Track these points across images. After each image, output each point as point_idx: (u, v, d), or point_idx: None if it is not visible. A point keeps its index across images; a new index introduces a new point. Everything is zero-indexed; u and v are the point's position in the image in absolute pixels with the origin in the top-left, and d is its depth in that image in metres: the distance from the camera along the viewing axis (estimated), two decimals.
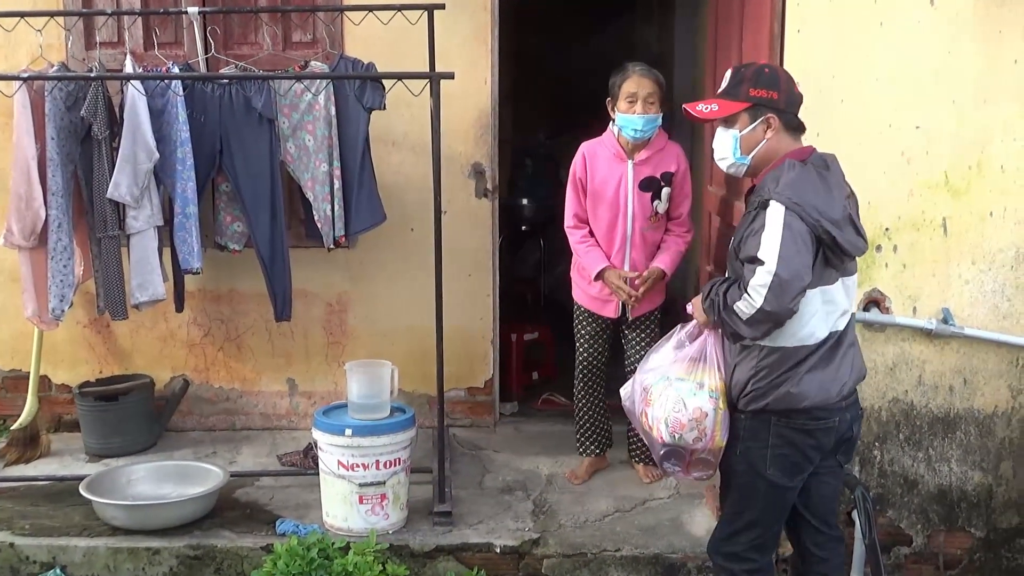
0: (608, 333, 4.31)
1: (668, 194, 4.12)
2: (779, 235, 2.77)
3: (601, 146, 4.17)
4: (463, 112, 4.71)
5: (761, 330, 2.85)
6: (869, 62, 3.67)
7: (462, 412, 5.00)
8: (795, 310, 2.81)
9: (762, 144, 2.95)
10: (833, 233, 2.80)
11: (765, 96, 2.93)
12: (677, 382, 3.03)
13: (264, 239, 4.35)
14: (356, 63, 4.31)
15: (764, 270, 2.77)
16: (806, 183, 2.84)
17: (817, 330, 2.90)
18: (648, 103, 3.99)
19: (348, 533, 3.80)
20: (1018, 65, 3.69)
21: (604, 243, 4.16)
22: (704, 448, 3.00)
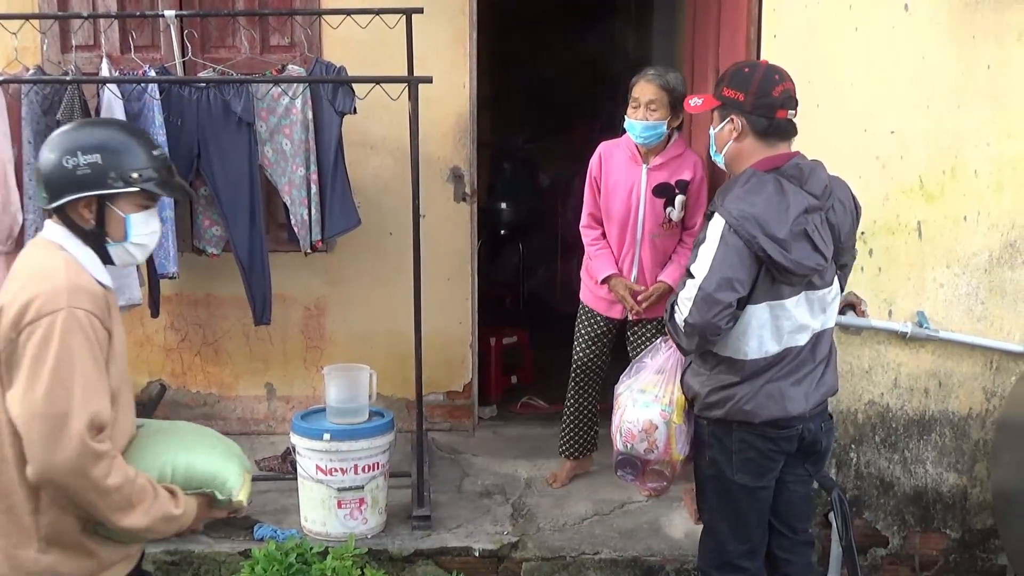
0: (611, 336, 4.24)
1: (683, 202, 4.01)
2: (713, 249, 2.77)
3: (618, 148, 4.10)
4: (442, 116, 4.71)
5: (692, 343, 2.86)
6: (844, 67, 3.70)
7: (441, 416, 5.00)
8: (720, 325, 2.78)
9: (729, 144, 2.92)
10: (769, 251, 2.73)
11: (732, 97, 2.89)
12: (638, 393, 3.05)
13: (243, 243, 4.33)
14: (330, 67, 4.31)
15: (692, 283, 2.79)
16: (757, 196, 2.78)
17: (765, 345, 2.86)
18: (650, 109, 3.89)
19: (326, 538, 3.79)
20: (991, 70, 3.73)
21: (614, 245, 4.11)
22: (657, 460, 3.01)
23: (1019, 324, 3.86)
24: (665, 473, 3.09)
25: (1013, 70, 3.74)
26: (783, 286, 2.83)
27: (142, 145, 2.34)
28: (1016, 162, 3.77)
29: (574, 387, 4.36)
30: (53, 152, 2.28)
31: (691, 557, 3.79)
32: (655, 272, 4.08)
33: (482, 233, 6.27)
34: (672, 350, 3.11)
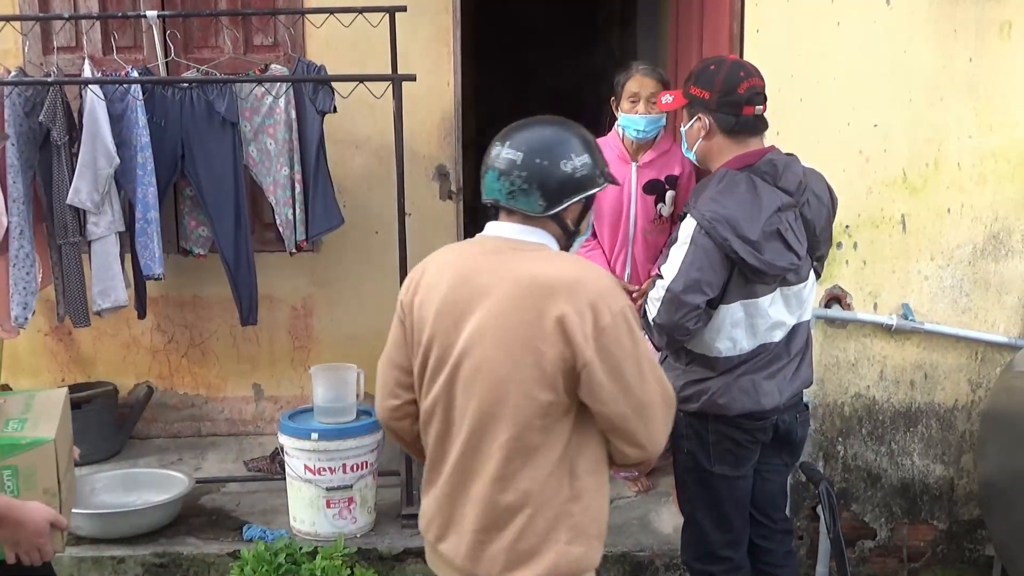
0: None
1: (672, 197, 4.00)
2: (684, 251, 2.78)
3: (606, 146, 4.00)
4: (426, 114, 4.70)
5: (662, 341, 2.87)
6: (827, 61, 3.72)
7: None
8: (688, 327, 2.79)
9: (699, 142, 2.92)
10: (741, 253, 2.73)
11: (698, 95, 2.89)
12: None
13: (228, 243, 4.32)
14: (311, 66, 4.30)
15: (661, 284, 2.80)
16: (729, 197, 2.78)
17: (740, 343, 2.87)
18: (651, 103, 3.83)
19: (315, 538, 3.79)
20: (972, 63, 3.75)
21: (606, 244, 4.09)
22: None
23: (1003, 316, 3.89)
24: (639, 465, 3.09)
25: (994, 63, 3.76)
26: (757, 285, 2.84)
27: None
28: (998, 154, 3.80)
29: None
30: (544, 158, 2.23)
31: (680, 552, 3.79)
32: (648, 268, 4.07)
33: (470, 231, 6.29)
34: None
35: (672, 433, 3.00)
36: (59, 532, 2.29)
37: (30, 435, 2.25)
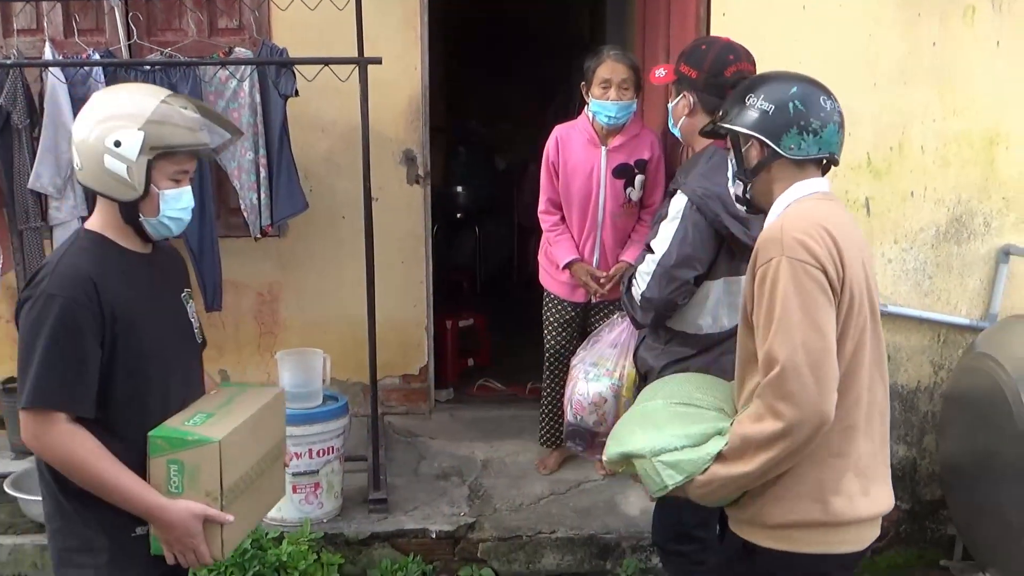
0: (578, 320, 4.22)
1: (642, 182, 4.02)
2: (674, 226, 2.79)
3: (575, 130, 4.07)
4: (393, 99, 4.68)
5: (648, 317, 2.87)
6: (793, 46, 3.72)
7: (397, 399, 4.98)
8: (677, 302, 2.81)
9: (683, 119, 2.94)
10: (732, 229, 2.76)
11: (686, 73, 2.90)
12: (590, 366, 3.08)
13: (192, 229, 4.26)
14: (275, 49, 4.26)
15: (652, 258, 2.81)
16: (719, 174, 2.74)
17: (721, 319, 2.89)
18: (622, 89, 3.88)
19: (282, 523, 3.77)
20: (937, 48, 3.78)
21: (575, 228, 4.09)
22: (606, 432, 3.02)
23: (965, 298, 3.92)
24: None
25: (958, 48, 3.78)
26: (742, 263, 2.84)
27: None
28: (961, 138, 3.83)
29: (549, 376, 4.33)
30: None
31: (646, 534, 3.81)
32: (616, 252, 4.08)
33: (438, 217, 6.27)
34: (627, 324, 3.13)
35: None
36: (218, 536, 2.18)
37: (200, 433, 2.15)
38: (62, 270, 2.12)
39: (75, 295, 2.08)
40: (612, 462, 2.33)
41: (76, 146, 2.16)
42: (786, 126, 2.19)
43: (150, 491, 2.14)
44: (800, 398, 2.02)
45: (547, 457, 4.40)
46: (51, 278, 2.10)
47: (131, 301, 2.17)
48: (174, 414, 2.22)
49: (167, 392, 2.23)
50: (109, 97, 2.21)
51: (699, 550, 3.09)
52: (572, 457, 4.40)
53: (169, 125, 2.14)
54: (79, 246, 2.19)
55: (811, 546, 2.17)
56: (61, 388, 2.07)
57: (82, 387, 2.08)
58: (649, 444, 2.23)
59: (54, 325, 2.06)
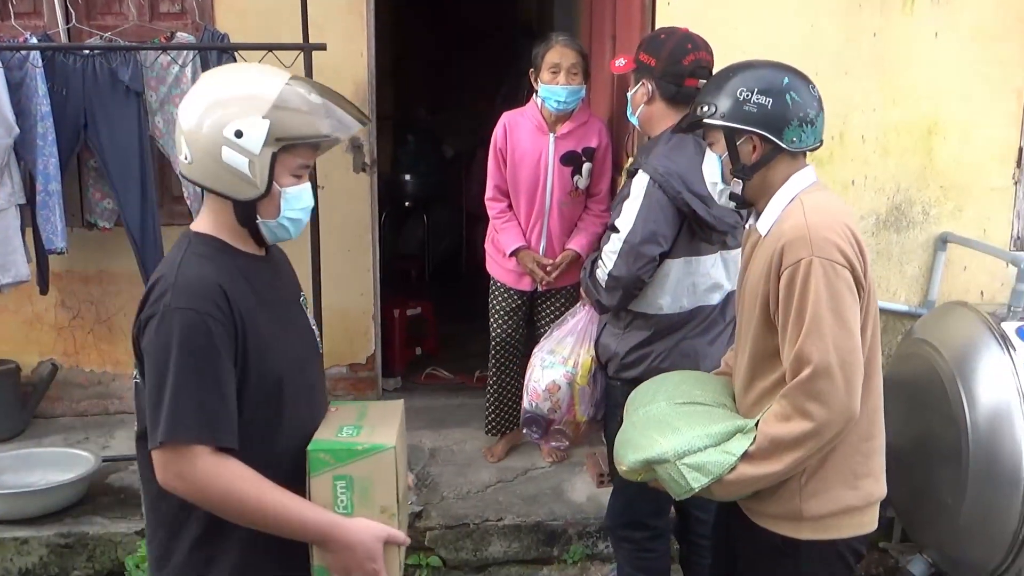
0: (525, 308, 4.22)
1: (589, 169, 4.03)
2: (637, 203, 2.82)
3: (523, 117, 4.06)
4: (339, 85, 4.52)
5: (616, 297, 2.90)
6: (736, 35, 3.76)
7: (344, 389, 4.95)
8: (644, 279, 2.85)
9: (641, 108, 2.98)
10: (694, 206, 2.80)
11: (645, 61, 2.95)
12: (547, 354, 3.09)
13: (134, 216, 4.21)
14: (216, 34, 4.20)
15: (617, 237, 2.84)
16: (679, 154, 2.85)
17: (680, 300, 2.93)
18: (571, 74, 3.87)
19: None
20: (876, 38, 3.84)
21: (522, 215, 4.09)
22: (560, 420, 3.05)
23: (904, 285, 4.00)
24: (567, 433, 3.13)
25: (897, 38, 3.85)
26: (701, 243, 2.91)
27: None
28: (900, 128, 3.89)
29: (495, 364, 4.33)
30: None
31: (593, 520, 3.85)
32: (563, 240, 4.09)
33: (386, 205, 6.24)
34: (585, 313, 3.14)
35: (609, 402, 3.05)
36: (396, 560, 1.91)
37: (368, 441, 1.88)
38: (186, 280, 1.81)
39: (206, 307, 1.79)
40: (633, 471, 2.29)
41: (185, 136, 1.85)
42: (787, 120, 2.15)
43: (323, 510, 1.84)
44: (831, 398, 2.04)
45: (494, 445, 4.40)
46: (174, 291, 1.79)
47: (258, 311, 1.87)
48: (305, 434, 1.92)
49: (297, 410, 1.94)
50: (225, 78, 1.90)
51: (649, 538, 3.12)
52: (519, 445, 4.43)
53: (295, 112, 1.84)
54: (195, 252, 1.88)
55: (850, 530, 2.22)
56: (202, 417, 1.76)
57: (224, 413, 1.79)
58: (672, 447, 2.20)
59: (186, 344, 1.76)
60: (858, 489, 2.21)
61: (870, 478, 2.23)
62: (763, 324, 2.19)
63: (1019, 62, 3.98)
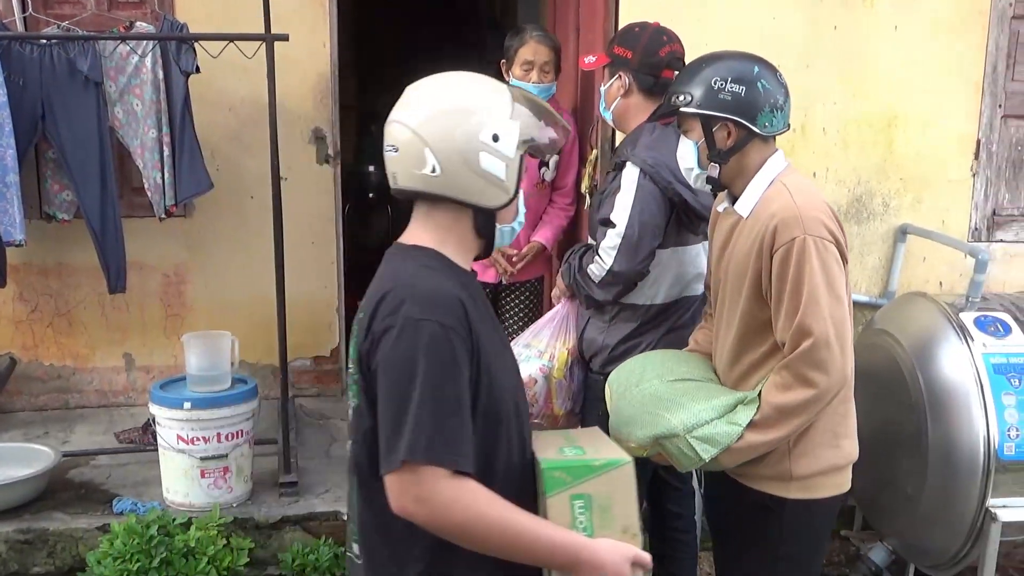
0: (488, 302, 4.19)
1: (556, 162, 4.01)
2: (631, 197, 2.82)
3: None
4: (302, 76, 4.60)
5: (612, 292, 2.90)
6: (700, 27, 3.77)
7: (308, 381, 4.93)
8: (644, 272, 2.87)
9: (617, 101, 2.99)
10: (685, 196, 2.84)
11: (620, 54, 2.96)
12: (523, 348, 3.08)
13: (94, 208, 4.16)
14: (176, 24, 4.14)
15: (614, 232, 2.83)
16: (664, 145, 2.85)
17: (668, 290, 2.95)
18: (544, 71, 3.82)
19: (190, 508, 3.71)
20: (838, 31, 3.87)
21: None
22: (538, 414, 3.04)
23: (865, 276, 4.04)
24: (545, 427, 3.11)
25: (858, 32, 3.88)
26: (688, 233, 2.94)
27: None
28: (861, 120, 3.93)
29: None
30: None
31: None
32: (528, 233, 4.08)
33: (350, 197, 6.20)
34: (562, 306, 3.13)
35: (589, 396, 3.05)
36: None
37: (605, 456, 1.78)
38: (426, 291, 1.72)
39: (449, 320, 1.69)
40: (640, 447, 2.36)
41: (432, 149, 1.75)
42: (759, 106, 2.28)
43: (570, 531, 1.74)
44: (831, 366, 2.19)
45: None
46: (414, 301, 1.70)
47: (483, 329, 1.78)
48: (521, 456, 1.84)
49: (511, 432, 1.83)
50: (451, 85, 1.83)
51: None
52: None
53: (527, 115, 1.83)
54: (424, 264, 1.79)
55: (831, 489, 2.37)
56: (445, 437, 1.65)
57: (465, 435, 1.68)
58: (682, 422, 2.30)
59: (432, 357, 1.66)
60: (839, 448, 2.36)
61: (848, 438, 2.39)
62: (753, 300, 2.30)
63: (977, 55, 4.03)
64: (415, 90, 1.84)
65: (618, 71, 2.98)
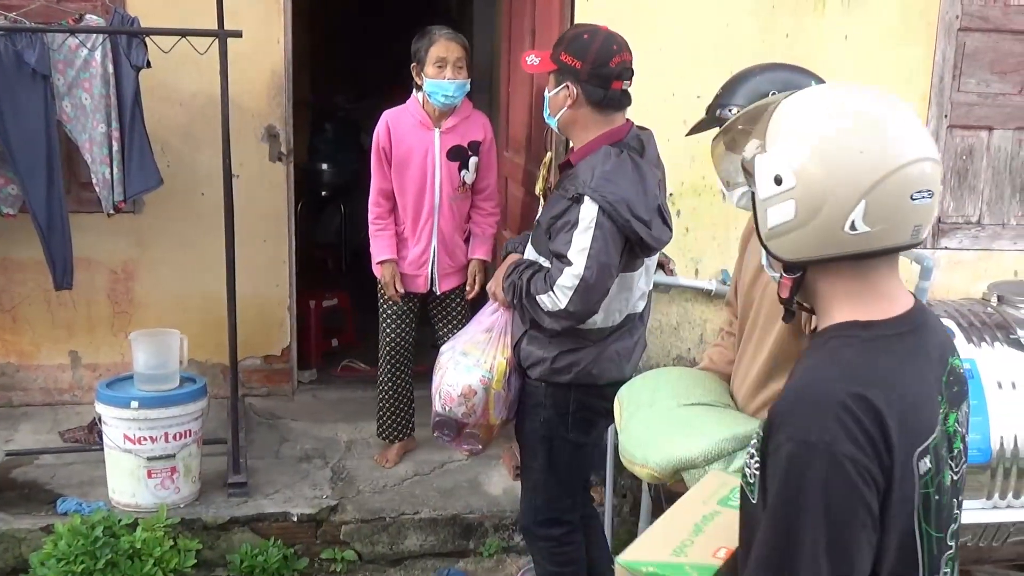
0: (416, 311, 4.16)
1: (475, 164, 3.99)
2: (590, 236, 2.73)
3: (406, 114, 3.98)
4: (255, 73, 4.56)
5: (561, 325, 2.85)
6: (654, 32, 3.80)
7: (259, 381, 4.89)
8: (597, 310, 2.83)
9: (563, 111, 2.88)
10: (641, 233, 2.77)
11: (569, 63, 2.83)
12: (460, 356, 3.02)
13: (40, 203, 4.08)
14: (127, 18, 4.07)
15: (571, 272, 2.75)
16: (621, 176, 2.78)
17: (613, 314, 2.92)
18: (457, 68, 3.81)
19: (136, 509, 3.67)
20: (789, 39, 3.92)
21: (409, 215, 3.99)
22: (475, 423, 3.01)
23: None
24: (480, 436, 3.08)
25: (809, 40, 3.93)
26: (635, 259, 2.89)
27: None
28: None
29: (389, 368, 4.20)
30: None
31: (509, 512, 3.87)
32: (455, 239, 4.06)
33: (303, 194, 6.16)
34: (498, 314, 3.09)
35: (525, 403, 3.02)
36: None
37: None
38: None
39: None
40: (665, 474, 2.27)
41: (869, 189, 1.42)
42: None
43: None
44: None
45: (387, 450, 4.28)
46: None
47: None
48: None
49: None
50: (877, 110, 1.48)
51: (567, 532, 3.13)
52: (413, 450, 4.36)
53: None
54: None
55: None
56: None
57: None
58: (701, 451, 2.21)
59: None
60: None
61: None
62: (790, 330, 2.19)
63: (925, 66, 4.11)
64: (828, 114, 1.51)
65: (565, 81, 2.85)
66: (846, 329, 1.50)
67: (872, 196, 1.43)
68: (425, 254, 4.03)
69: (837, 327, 1.51)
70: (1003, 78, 4.23)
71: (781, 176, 1.48)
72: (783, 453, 1.39)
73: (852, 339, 1.48)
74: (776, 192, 1.49)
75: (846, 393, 1.39)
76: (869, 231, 1.44)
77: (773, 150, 1.50)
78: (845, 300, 1.52)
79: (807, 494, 1.36)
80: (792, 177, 1.47)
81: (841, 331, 1.50)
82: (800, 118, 1.50)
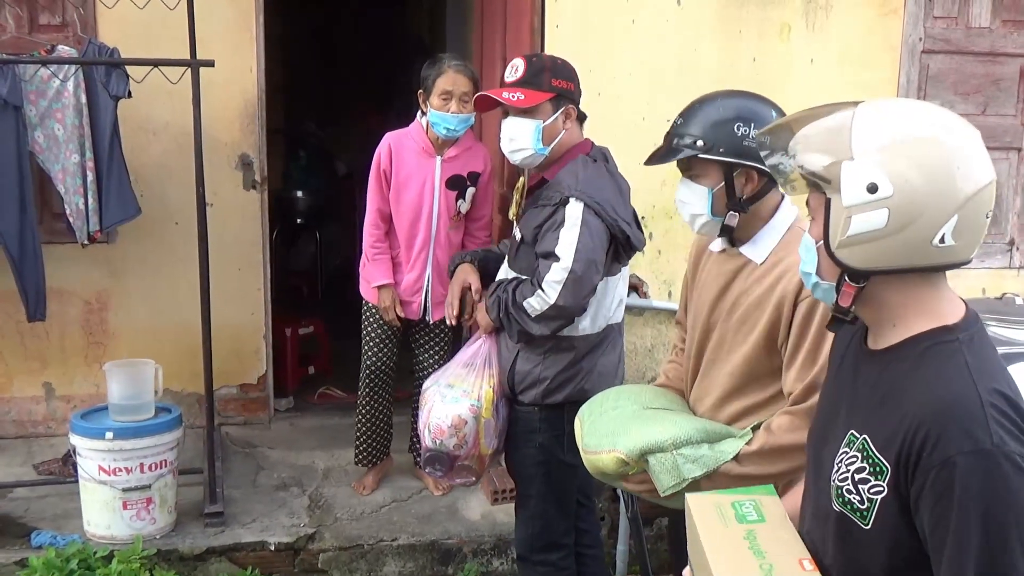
0: (399, 336, 4.14)
1: (472, 195, 3.96)
2: (577, 232, 2.80)
3: (408, 138, 3.93)
4: (228, 101, 4.57)
5: (551, 327, 2.88)
6: (623, 58, 3.86)
7: (235, 410, 4.87)
8: (586, 307, 2.88)
9: (561, 135, 2.94)
10: (627, 232, 2.87)
11: (565, 87, 2.92)
12: (446, 388, 3.01)
13: (12, 234, 4.06)
14: (103, 48, 4.09)
15: (560, 266, 2.81)
16: (602, 180, 2.90)
17: (597, 320, 2.97)
18: (463, 102, 3.73)
19: (112, 541, 3.64)
20: (756, 62, 3.98)
21: (406, 240, 3.97)
22: (467, 455, 3.00)
23: None
24: (473, 468, 3.07)
25: (775, 62, 4.01)
26: (615, 263, 2.97)
27: None
28: None
29: (368, 392, 4.18)
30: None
31: (487, 538, 3.87)
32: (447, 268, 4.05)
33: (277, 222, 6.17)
34: (479, 344, 3.08)
35: (517, 431, 3.03)
36: None
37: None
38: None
39: None
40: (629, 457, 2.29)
41: (963, 204, 1.46)
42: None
43: None
44: None
45: (364, 477, 4.25)
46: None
47: None
48: None
49: None
50: (962, 127, 1.52)
51: (564, 557, 3.14)
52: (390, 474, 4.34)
53: None
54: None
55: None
56: None
57: None
58: (671, 436, 2.25)
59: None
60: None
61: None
62: (762, 347, 2.24)
63: (889, 89, 4.18)
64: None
65: (564, 104, 2.93)
66: (940, 335, 1.51)
67: (964, 212, 1.46)
68: (420, 281, 4.01)
69: (928, 335, 1.51)
70: (966, 99, 4.31)
71: (877, 184, 1.47)
72: (959, 470, 1.37)
73: (953, 343, 1.49)
74: (868, 200, 1.48)
75: (986, 392, 1.42)
76: (953, 245, 1.47)
77: (866, 159, 1.50)
78: (921, 309, 1.53)
79: (1010, 497, 1.36)
80: (889, 186, 1.47)
81: (935, 338, 1.51)
82: (897, 128, 1.52)
